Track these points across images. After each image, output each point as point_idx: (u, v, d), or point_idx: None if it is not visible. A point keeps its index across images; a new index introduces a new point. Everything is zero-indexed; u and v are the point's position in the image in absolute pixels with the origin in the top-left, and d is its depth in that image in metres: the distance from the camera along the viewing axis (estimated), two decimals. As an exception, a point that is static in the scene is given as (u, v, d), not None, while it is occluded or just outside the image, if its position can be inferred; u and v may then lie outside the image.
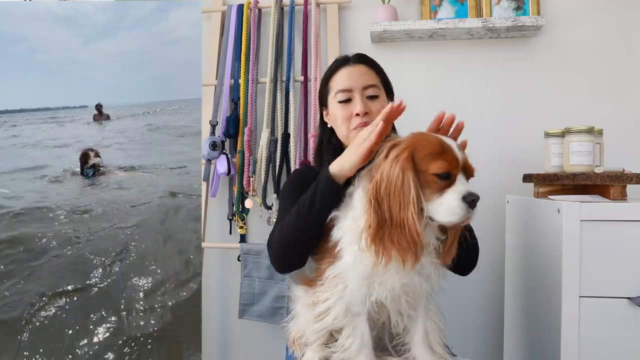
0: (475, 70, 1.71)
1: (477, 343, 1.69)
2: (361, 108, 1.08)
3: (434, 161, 0.79)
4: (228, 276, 1.83)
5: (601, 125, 1.40)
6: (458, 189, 0.78)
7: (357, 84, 1.10)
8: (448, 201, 0.78)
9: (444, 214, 0.79)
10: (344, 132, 1.12)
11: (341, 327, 0.90)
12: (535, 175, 1.40)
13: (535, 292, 1.30)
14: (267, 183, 1.69)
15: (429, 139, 0.83)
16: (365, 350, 0.88)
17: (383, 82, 1.15)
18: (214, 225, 1.83)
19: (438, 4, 1.70)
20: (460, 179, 0.80)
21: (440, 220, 0.80)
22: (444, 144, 0.81)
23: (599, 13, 1.65)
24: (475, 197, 0.78)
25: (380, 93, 1.13)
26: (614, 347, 1.12)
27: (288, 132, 1.69)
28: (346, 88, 1.11)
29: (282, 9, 1.76)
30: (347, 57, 1.16)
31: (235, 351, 1.84)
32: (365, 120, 1.08)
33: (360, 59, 1.15)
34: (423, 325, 0.92)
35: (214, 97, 1.76)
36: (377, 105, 1.10)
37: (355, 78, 1.11)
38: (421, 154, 0.80)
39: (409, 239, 0.77)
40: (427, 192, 0.79)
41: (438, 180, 0.79)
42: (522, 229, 1.42)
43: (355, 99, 1.10)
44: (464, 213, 0.77)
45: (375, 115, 1.08)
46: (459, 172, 0.80)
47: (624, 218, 1.11)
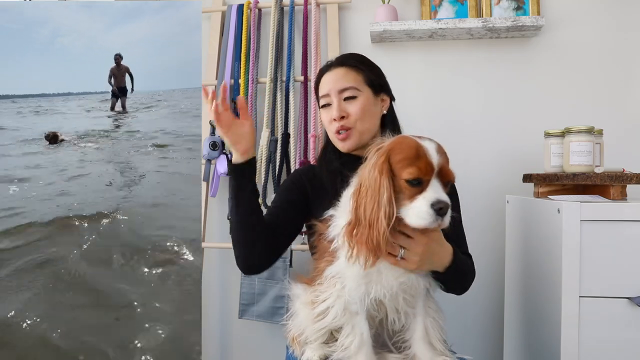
0: (475, 70, 1.71)
1: (477, 343, 1.69)
2: (337, 113, 1.10)
3: (406, 167, 0.80)
4: (228, 276, 1.84)
5: (601, 125, 1.40)
6: (428, 195, 0.79)
7: (334, 88, 1.12)
8: (417, 207, 0.80)
9: (413, 218, 0.81)
10: (330, 135, 1.16)
11: (341, 326, 0.91)
12: (535, 175, 1.40)
13: (535, 292, 1.30)
14: (267, 183, 1.69)
15: (406, 143, 0.83)
16: (364, 348, 0.89)
17: (367, 80, 1.13)
18: (214, 225, 1.83)
19: (438, 4, 1.70)
20: (433, 185, 0.80)
21: (411, 223, 0.81)
22: (419, 149, 0.81)
23: (599, 13, 1.65)
24: (444, 204, 0.79)
25: (360, 93, 1.11)
26: (614, 347, 1.12)
27: (288, 132, 1.69)
28: (324, 93, 1.14)
29: (282, 9, 1.76)
30: (330, 62, 1.18)
31: (235, 351, 1.84)
32: (342, 124, 1.10)
33: (340, 62, 1.15)
34: (423, 322, 0.93)
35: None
36: (355, 106, 1.10)
37: (332, 82, 1.13)
38: (396, 159, 0.82)
39: (375, 240, 0.79)
40: (401, 197, 0.81)
41: (409, 187, 0.80)
42: (522, 229, 1.42)
43: (333, 104, 1.12)
44: (433, 220, 0.79)
45: (353, 117, 1.10)
46: (431, 178, 0.80)
47: (624, 218, 1.11)
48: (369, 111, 1.12)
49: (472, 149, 1.69)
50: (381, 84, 1.17)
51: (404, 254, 0.86)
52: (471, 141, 1.69)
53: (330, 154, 1.18)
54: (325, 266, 0.93)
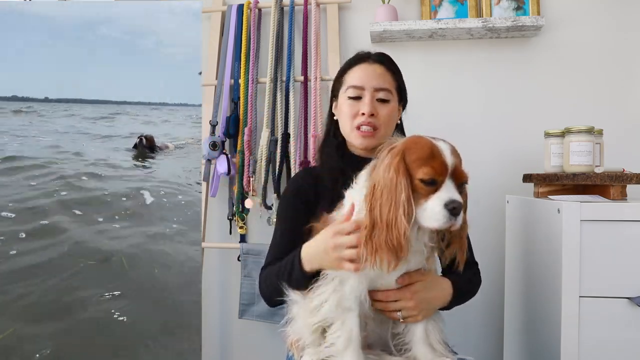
0: (475, 70, 1.70)
1: (477, 343, 1.69)
2: (368, 109, 1.06)
3: (421, 167, 0.79)
4: (228, 276, 1.83)
5: (601, 125, 1.40)
6: (442, 195, 0.79)
7: (370, 83, 1.08)
8: (431, 207, 0.79)
9: (427, 219, 0.80)
10: (347, 127, 1.10)
11: (332, 324, 0.89)
12: (535, 175, 1.40)
13: (535, 292, 1.30)
14: (267, 183, 1.69)
15: (421, 143, 0.83)
16: (352, 346, 0.86)
17: (398, 88, 1.12)
18: (214, 225, 1.83)
19: (438, 4, 1.69)
20: (447, 185, 0.80)
21: (424, 224, 0.81)
22: (434, 149, 0.81)
23: (599, 13, 1.65)
24: (457, 204, 0.78)
25: (392, 98, 1.10)
26: (614, 347, 1.12)
27: (288, 132, 1.69)
28: (358, 85, 1.09)
29: (282, 9, 1.76)
30: (369, 54, 1.13)
31: (235, 351, 1.84)
32: (370, 121, 1.06)
33: (379, 59, 1.12)
34: (423, 324, 0.93)
35: (214, 97, 1.76)
36: (386, 109, 1.08)
37: (369, 77, 1.09)
38: (411, 158, 0.81)
39: (395, 240, 0.77)
40: (416, 197, 0.80)
41: (424, 186, 0.80)
42: (522, 229, 1.42)
43: (365, 98, 1.07)
44: (446, 220, 0.78)
45: (381, 120, 1.08)
46: (445, 178, 0.80)
47: (624, 218, 1.11)
48: (393, 118, 1.11)
49: (472, 148, 1.68)
50: (405, 93, 1.16)
51: (402, 315, 0.90)
52: (471, 141, 1.69)
53: (332, 149, 1.14)
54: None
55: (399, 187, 0.79)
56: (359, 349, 0.88)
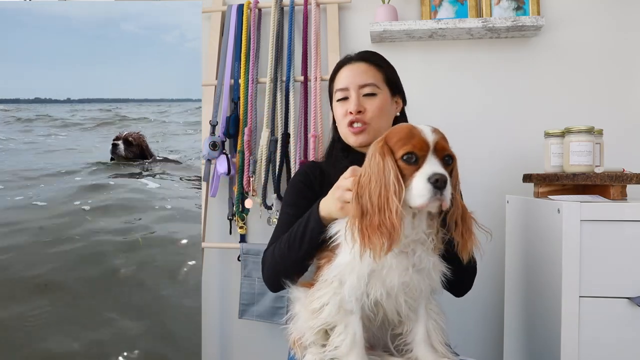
0: (475, 70, 1.71)
1: (477, 343, 1.69)
2: (355, 106, 1.09)
3: (402, 147, 0.80)
4: (228, 276, 1.83)
5: (601, 125, 1.40)
6: (424, 170, 0.79)
7: (354, 82, 1.12)
8: (415, 184, 0.79)
9: (414, 197, 0.79)
10: (342, 129, 1.15)
11: (335, 326, 0.89)
12: (535, 175, 1.40)
13: (535, 292, 1.30)
14: (267, 183, 1.69)
15: (401, 127, 0.85)
16: (356, 349, 0.86)
17: (386, 80, 1.14)
18: (213, 225, 1.83)
19: (438, 4, 1.70)
20: (429, 160, 0.80)
21: (413, 204, 0.79)
22: (413, 130, 0.82)
23: (599, 13, 1.65)
24: (440, 176, 0.76)
25: (380, 91, 1.12)
26: (614, 347, 1.12)
27: (288, 132, 1.69)
28: (343, 87, 1.13)
29: (282, 9, 1.76)
30: (350, 56, 1.17)
31: (235, 351, 1.84)
32: (358, 117, 1.09)
33: (361, 57, 1.16)
34: (424, 325, 0.92)
35: (214, 97, 1.76)
36: (374, 103, 1.10)
37: (352, 76, 1.12)
38: (392, 141, 0.82)
39: (388, 220, 0.76)
40: (402, 179, 0.80)
41: (407, 165, 0.80)
42: (522, 229, 1.42)
43: (351, 97, 1.11)
44: (431, 195, 0.77)
45: (370, 114, 1.10)
46: (427, 154, 0.80)
47: (624, 218, 1.11)
48: (385, 110, 1.12)
49: (472, 148, 1.69)
50: (398, 85, 1.18)
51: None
52: (471, 141, 1.69)
53: (338, 151, 1.18)
54: (325, 262, 0.92)
55: (386, 169, 0.79)
56: (363, 352, 0.88)
